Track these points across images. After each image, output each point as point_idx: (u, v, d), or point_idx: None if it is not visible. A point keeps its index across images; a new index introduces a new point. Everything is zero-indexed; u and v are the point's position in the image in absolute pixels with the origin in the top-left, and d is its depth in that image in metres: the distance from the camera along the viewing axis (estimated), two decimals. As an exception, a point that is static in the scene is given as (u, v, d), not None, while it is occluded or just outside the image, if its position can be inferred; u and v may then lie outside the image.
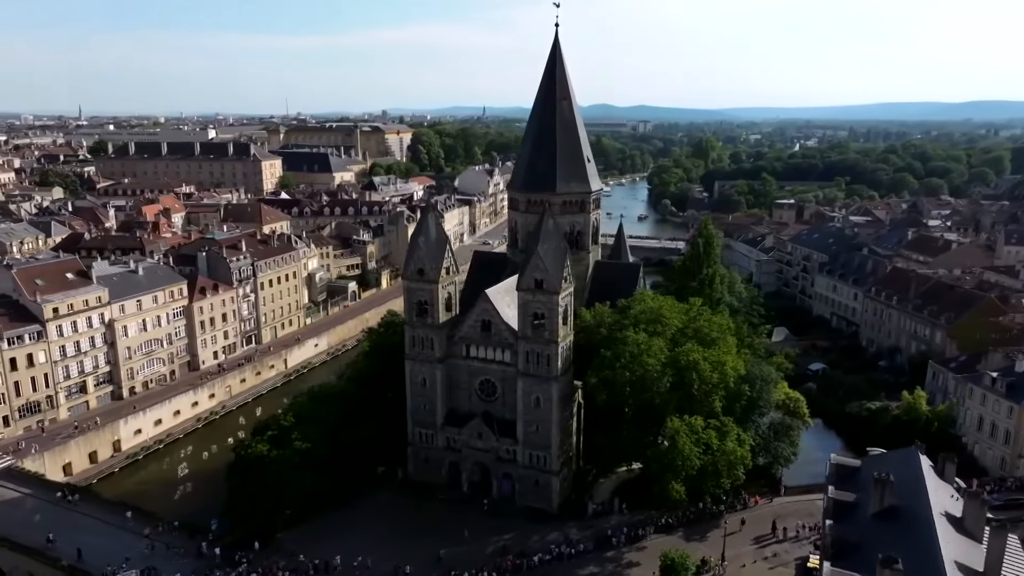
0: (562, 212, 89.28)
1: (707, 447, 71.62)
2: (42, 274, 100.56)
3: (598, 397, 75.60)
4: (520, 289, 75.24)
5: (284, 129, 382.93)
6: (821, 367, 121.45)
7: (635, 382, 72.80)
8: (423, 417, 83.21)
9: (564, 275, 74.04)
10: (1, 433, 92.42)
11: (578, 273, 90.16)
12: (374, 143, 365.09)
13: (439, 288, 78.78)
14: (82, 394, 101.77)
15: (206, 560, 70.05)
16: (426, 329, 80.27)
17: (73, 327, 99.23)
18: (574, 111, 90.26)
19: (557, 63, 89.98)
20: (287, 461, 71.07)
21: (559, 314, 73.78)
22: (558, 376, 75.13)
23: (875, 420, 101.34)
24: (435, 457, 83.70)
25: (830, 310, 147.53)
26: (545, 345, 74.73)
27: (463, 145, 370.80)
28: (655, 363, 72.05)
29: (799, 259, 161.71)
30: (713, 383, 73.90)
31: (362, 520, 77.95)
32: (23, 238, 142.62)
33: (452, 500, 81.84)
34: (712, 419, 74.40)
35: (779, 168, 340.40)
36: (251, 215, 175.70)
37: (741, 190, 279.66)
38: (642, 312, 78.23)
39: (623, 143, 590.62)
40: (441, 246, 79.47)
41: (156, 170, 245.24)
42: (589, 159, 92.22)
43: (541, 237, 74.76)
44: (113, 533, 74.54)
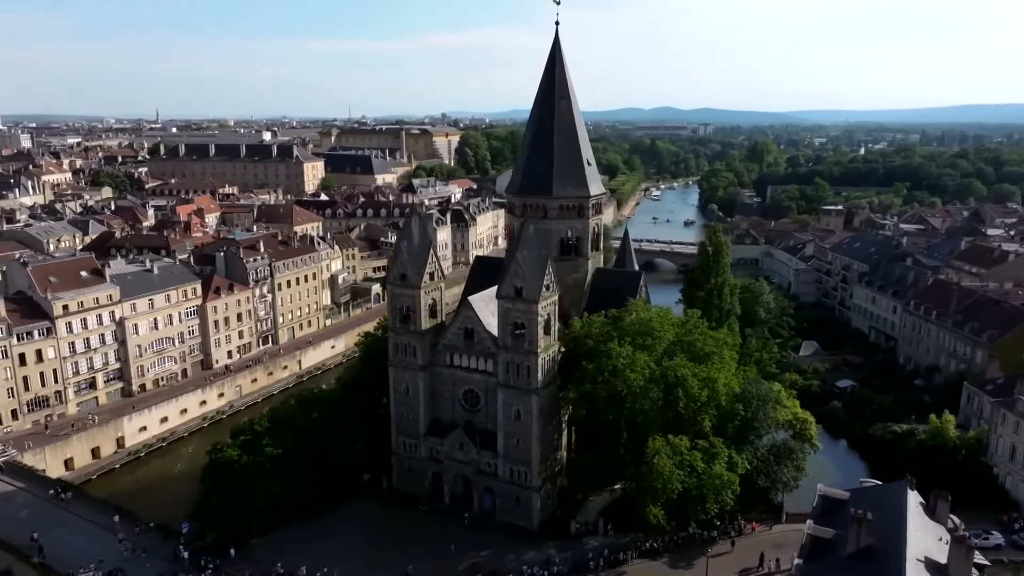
0: (559, 217, 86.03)
1: (692, 469, 67.13)
2: (57, 272, 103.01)
3: (577, 412, 72.09)
4: (499, 297, 72.43)
5: (336, 132, 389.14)
6: (849, 384, 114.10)
7: (616, 398, 68.94)
8: (406, 426, 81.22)
9: (546, 283, 70.83)
10: (9, 426, 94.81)
11: (576, 281, 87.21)
12: (422, 146, 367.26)
13: (421, 294, 76.67)
14: (91, 390, 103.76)
15: (178, 563, 69.63)
16: (409, 336, 78.26)
17: (83, 324, 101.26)
18: (574, 112, 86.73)
19: (557, 62, 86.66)
20: (257, 467, 70.06)
21: (539, 324, 70.59)
22: (538, 389, 71.89)
23: (900, 444, 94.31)
24: (418, 467, 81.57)
25: (868, 323, 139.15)
26: (525, 356, 71.64)
27: (511, 148, 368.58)
28: (637, 378, 68.10)
29: (839, 268, 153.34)
30: (702, 401, 69.43)
31: (340, 529, 76.38)
32: (60, 236, 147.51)
33: (434, 512, 79.60)
34: (701, 440, 69.81)
35: (836, 173, 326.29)
36: (283, 216, 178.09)
37: (792, 195, 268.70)
38: (632, 323, 74.25)
39: (680, 146, 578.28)
40: (424, 251, 77.34)
41: (203, 171, 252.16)
42: (590, 162, 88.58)
43: (521, 243, 71.76)
44: (97, 534, 74.57)
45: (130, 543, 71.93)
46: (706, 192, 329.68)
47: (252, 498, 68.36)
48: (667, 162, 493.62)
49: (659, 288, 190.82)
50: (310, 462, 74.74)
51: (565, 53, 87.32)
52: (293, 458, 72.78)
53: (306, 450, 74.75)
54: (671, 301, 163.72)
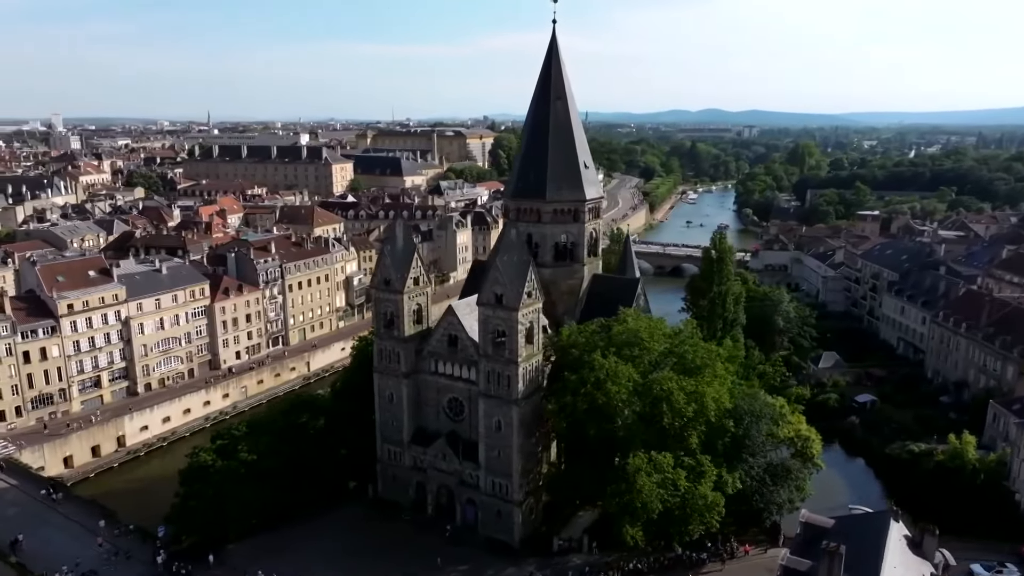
0: (553, 221, 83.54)
1: (675, 488, 63.74)
2: (65, 271, 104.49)
3: (557, 425, 69.34)
4: (480, 304, 70.24)
5: (372, 134, 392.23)
6: (869, 399, 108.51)
7: (597, 411, 65.97)
8: (391, 433, 79.60)
9: (527, 290, 68.24)
10: (13, 423, 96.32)
11: (571, 287, 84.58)
12: (456, 148, 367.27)
13: (404, 299, 74.93)
14: (96, 388, 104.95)
15: (154, 568, 69.17)
16: (393, 342, 76.63)
17: (88, 323, 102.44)
18: (570, 113, 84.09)
19: (553, 61, 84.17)
20: (231, 472, 69.16)
21: (519, 332, 68.06)
22: (519, 399, 69.39)
23: (918, 465, 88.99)
24: (402, 476, 79.86)
25: (897, 335, 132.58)
26: (505, 365, 69.25)
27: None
28: (618, 391, 65.03)
29: (868, 276, 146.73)
30: (688, 416, 65.94)
31: (321, 536, 75.16)
32: (85, 235, 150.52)
33: (417, 522, 77.81)
34: (687, 457, 66.34)
35: (880, 177, 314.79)
36: (304, 217, 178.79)
37: (830, 199, 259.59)
38: (620, 333, 71.17)
39: (722, 149, 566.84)
40: (408, 255, 75.63)
41: (235, 172, 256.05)
42: (587, 165, 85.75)
43: (502, 248, 69.51)
44: (80, 535, 74.42)
45: (110, 545, 71.83)
46: (742, 196, 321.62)
47: (224, 503, 67.39)
48: (706, 165, 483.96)
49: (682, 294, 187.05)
50: (288, 468, 73.52)
51: (564, 53, 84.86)
52: (270, 464, 71.68)
53: (284, 456, 73.56)
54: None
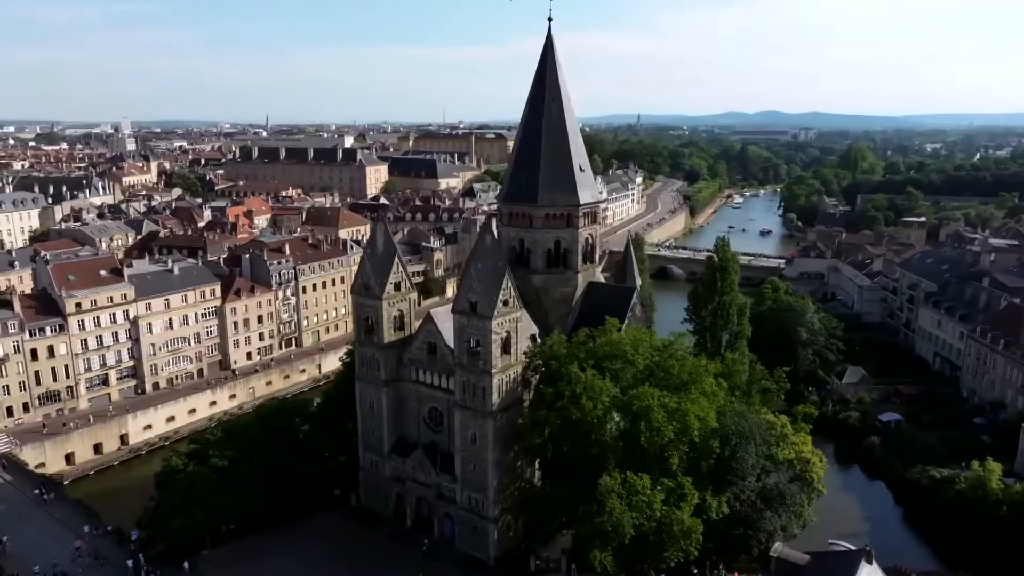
0: (545, 226, 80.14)
1: (651, 512, 59.90)
2: (77, 270, 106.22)
3: (530, 441, 66.18)
4: (454, 312, 67.76)
5: (414, 136, 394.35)
6: (894, 419, 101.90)
7: (571, 427, 62.70)
8: (372, 442, 77.79)
9: (503, 298, 65.40)
10: (20, 418, 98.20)
11: (563, 295, 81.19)
12: (497, 150, 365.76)
13: (384, 305, 73.00)
14: (104, 386, 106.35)
15: (126, 571, 68.80)
16: (373, 348, 74.80)
17: (96, 322, 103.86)
18: (564, 113, 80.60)
19: (548, 60, 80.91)
20: (200, 477, 68.30)
21: (494, 342, 65.25)
22: (494, 412, 66.63)
23: (938, 492, 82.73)
24: (383, 486, 77.96)
25: (933, 350, 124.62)
26: (479, 376, 66.58)
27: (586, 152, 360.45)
28: (593, 407, 61.60)
29: (905, 287, 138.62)
30: (668, 436, 61.97)
31: (299, 544, 73.73)
32: (114, 235, 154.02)
33: (396, 534, 75.89)
34: (666, 479, 62.38)
35: (937, 181, 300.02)
36: (330, 219, 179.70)
37: (879, 205, 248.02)
38: (602, 345, 67.65)
39: (774, 152, 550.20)
40: (388, 260, 73.66)
41: (273, 174, 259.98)
42: (582, 168, 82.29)
43: (476, 254, 66.84)
44: (63, 536, 74.49)
45: (88, 547, 71.70)
46: (787, 200, 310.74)
47: (193, 509, 66.52)
48: (756, 168, 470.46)
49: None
50: (265, 474, 72.38)
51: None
52: (243, 470, 70.67)
53: (260, 462, 72.46)
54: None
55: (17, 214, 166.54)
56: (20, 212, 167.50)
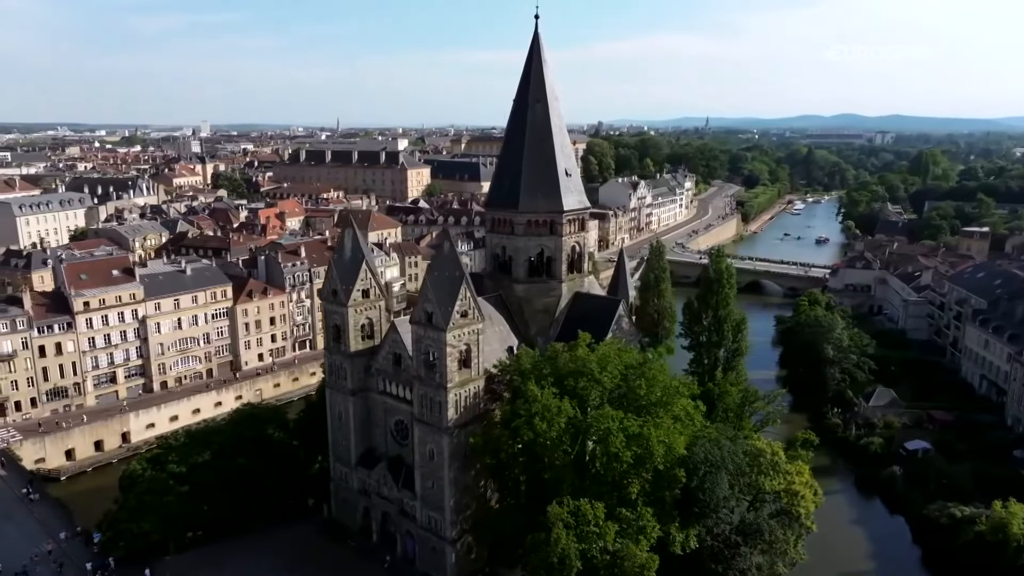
0: (527, 233, 76.64)
1: (603, 544, 55.56)
2: (90, 269, 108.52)
3: (483, 461, 62.61)
4: (412, 322, 65.00)
5: (466, 139, 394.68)
6: (922, 447, 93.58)
7: (525, 449, 58.91)
8: (342, 453, 75.84)
9: (460, 309, 62.21)
10: (28, 413, 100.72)
11: (546, 306, 77.53)
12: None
13: (350, 312, 70.88)
14: (112, 384, 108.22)
15: (85, 573, 68.72)
16: (340, 357, 72.81)
17: (104, 320, 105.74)
18: (549, 115, 76.78)
19: (534, 61, 77.34)
20: (156, 483, 67.62)
21: (449, 355, 62.17)
22: (450, 428, 63.46)
23: (957, 533, 74.98)
24: (351, 499, 75.89)
25: (979, 372, 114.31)
26: (436, 390, 63.57)
27: (638, 156, 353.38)
28: (547, 428, 57.56)
29: (952, 303, 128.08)
30: (628, 462, 57.44)
31: (265, 554, 72.57)
32: (147, 235, 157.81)
33: (361, 549, 73.94)
34: (624, 508, 57.84)
35: (1016, 188, 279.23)
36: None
37: (944, 213, 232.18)
38: (569, 361, 63.48)
39: (845, 156, 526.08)
40: (356, 266, 71.49)
41: (319, 175, 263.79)
42: (569, 173, 78.24)
43: (433, 264, 63.89)
44: (39, 537, 74.55)
45: (57, 549, 71.88)
46: (847, 207, 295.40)
47: (146, 515, 65.82)
48: (821, 173, 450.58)
49: (757, 313, 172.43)
50: (228, 482, 71.25)
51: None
52: (204, 477, 69.68)
53: (223, 469, 71.36)
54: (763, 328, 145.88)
55: (63, 213, 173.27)
56: (67, 212, 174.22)
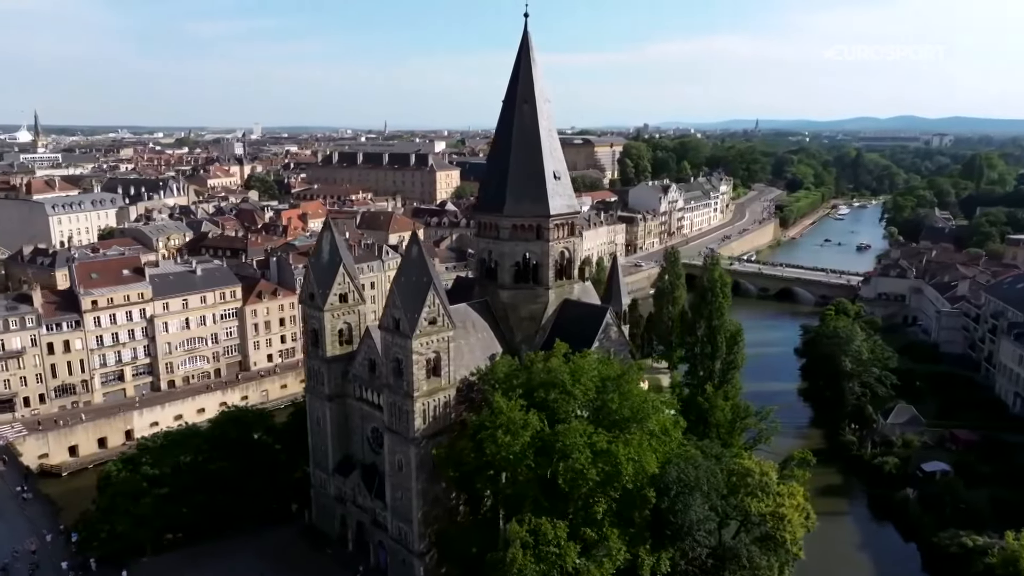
0: (512, 238, 74.35)
1: (561, 565, 52.99)
2: (101, 269, 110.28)
3: (445, 473, 60.55)
4: (380, 328, 63.58)
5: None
6: (940, 469, 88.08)
7: (489, 462, 56.67)
8: (320, 459, 74.79)
9: (428, 316, 60.42)
10: (36, 409, 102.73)
11: (532, 313, 75.14)
12: (583, 156, 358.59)
13: (327, 316, 69.93)
14: (119, 382, 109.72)
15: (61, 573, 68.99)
16: (318, 361, 71.85)
17: (112, 319, 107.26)
18: (538, 116, 74.32)
19: (522, 60, 75.05)
20: (128, 485, 67.56)
21: (416, 363, 60.43)
22: (417, 438, 61.68)
23: (968, 563, 69.94)
24: (329, 506, 74.72)
25: (1014, 389, 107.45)
26: (403, 398, 61.91)
27: (676, 159, 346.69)
28: (510, 441, 55.26)
29: (988, 315, 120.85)
30: (593, 479, 54.71)
31: (243, 558, 71.80)
32: (170, 235, 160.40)
33: (337, 557, 72.73)
34: (588, 528, 55.12)
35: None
36: (383, 223, 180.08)
37: (995, 219, 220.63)
38: (540, 372, 61.04)
39: (897, 159, 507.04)
40: (333, 270, 70.44)
41: (350, 177, 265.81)
42: (557, 176, 75.54)
43: (401, 268, 62.19)
44: (25, 535, 74.94)
45: (40, 547, 72.36)
46: (892, 212, 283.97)
47: (118, 516, 65.77)
48: (870, 177, 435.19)
49: (787, 322, 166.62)
50: (206, 485, 70.88)
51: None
52: (180, 480, 69.46)
53: (201, 472, 71.04)
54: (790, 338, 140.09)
55: (95, 213, 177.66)
56: (99, 212, 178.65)
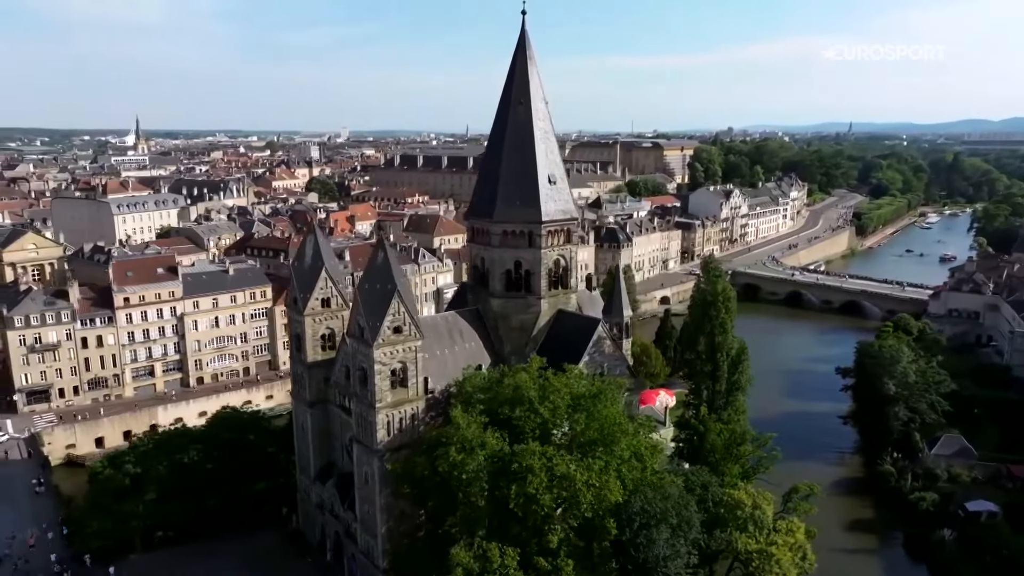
0: (503, 244, 71.44)
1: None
2: (136, 267, 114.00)
3: (402, 490, 57.98)
4: (347, 335, 61.74)
5: (571, 145, 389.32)
6: (987, 509, 79.03)
7: (442, 481, 53.90)
8: (304, 465, 73.95)
9: (393, 324, 58.28)
10: (71, 400, 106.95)
11: (523, 323, 72.12)
12: (653, 160, 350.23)
13: (308, 321, 68.71)
14: (150, 377, 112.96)
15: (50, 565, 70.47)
16: (300, 366, 70.84)
17: (143, 316, 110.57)
18: (532, 117, 71.03)
19: (518, 58, 72.03)
20: (113, 483, 68.41)
21: (379, 373, 58.42)
22: (380, 450, 59.56)
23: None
24: (311, 513, 73.67)
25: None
26: (367, 409, 59.91)
27: (748, 163, 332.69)
28: (465, 459, 52.33)
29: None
30: (547, 506, 51.02)
31: (227, 561, 72.09)
32: (222, 235, 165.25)
33: (317, 566, 71.81)
34: (541, 557, 51.39)
35: None
36: (429, 226, 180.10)
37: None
38: (507, 387, 57.75)
39: (1001, 165, 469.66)
40: (315, 274, 69.08)
41: (410, 180, 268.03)
42: (552, 179, 71.99)
43: (366, 274, 60.12)
44: (26, 525, 76.75)
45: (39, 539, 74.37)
46: (982, 221, 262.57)
47: (96, 513, 66.76)
48: (966, 183, 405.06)
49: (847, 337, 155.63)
50: (192, 485, 71.19)
51: (530, 47, 72.31)
52: (167, 479, 70.09)
53: (188, 472, 71.42)
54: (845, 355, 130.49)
55: (158, 213, 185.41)
56: (161, 211, 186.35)
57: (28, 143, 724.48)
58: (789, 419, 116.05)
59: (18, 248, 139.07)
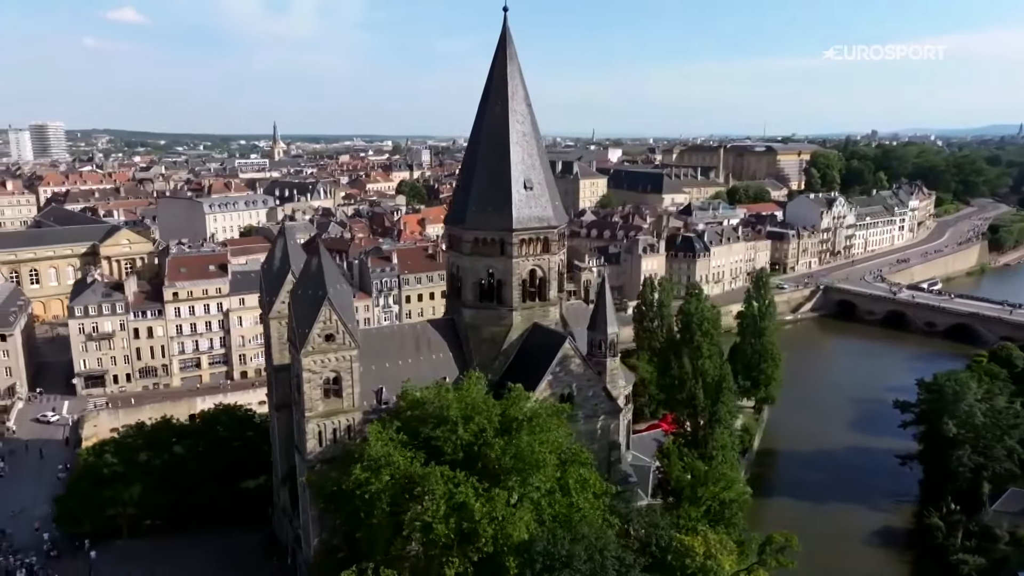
0: (474, 253, 68.00)
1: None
2: (190, 263, 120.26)
3: (316, 503, 55.81)
4: (288, 340, 60.56)
5: (679, 149, 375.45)
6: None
7: (347, 498, 51.48)
8: (276, 467, 73.68)
9: (325, 332, 56.54)
10: (124, 387, 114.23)
11: (493, 336, 68.56)
12: (765, 164, 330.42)
13: (275, 324, 68.49)
14: (196, 368, 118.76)
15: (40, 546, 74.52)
16: (270, 369, 70.80)
17: (191, 311, 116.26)
18: (508, 119, 66.88)
19: (498, 57, 68.31)
20: (92, 471, 71.25)
21: (310, 381, 56.93)
22: (311, 461, 58.01)
23: None
24: (280, 515, 73.42)
25: None
26: (301, 417, 58.53)
27: (872, 169, 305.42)
28: (368, 478, 49.69)
29: None
30: (443, 535, 47.31)
31: (206, 554, 72.94)
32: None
33: (282, 570, 71.10)
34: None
35: None
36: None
37: None
38: (431, 403, 54.40)
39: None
40: (282, 277, 68.66)
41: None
42: (529, 185, 67.57)
43: (299, 280, 58.71)
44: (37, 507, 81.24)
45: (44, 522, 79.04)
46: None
47: (72, 500, 69.83)
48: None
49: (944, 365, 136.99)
50: (174, 477, 73.16)
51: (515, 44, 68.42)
52: (154, 472, 72.42)
53: (171, 466, 73.58)
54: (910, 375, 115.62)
55: (247, 212, 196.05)
56: (250, 211, 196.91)
57: (192, 147, 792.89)
58: (848, 454, 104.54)
59: (113, 243, 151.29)
